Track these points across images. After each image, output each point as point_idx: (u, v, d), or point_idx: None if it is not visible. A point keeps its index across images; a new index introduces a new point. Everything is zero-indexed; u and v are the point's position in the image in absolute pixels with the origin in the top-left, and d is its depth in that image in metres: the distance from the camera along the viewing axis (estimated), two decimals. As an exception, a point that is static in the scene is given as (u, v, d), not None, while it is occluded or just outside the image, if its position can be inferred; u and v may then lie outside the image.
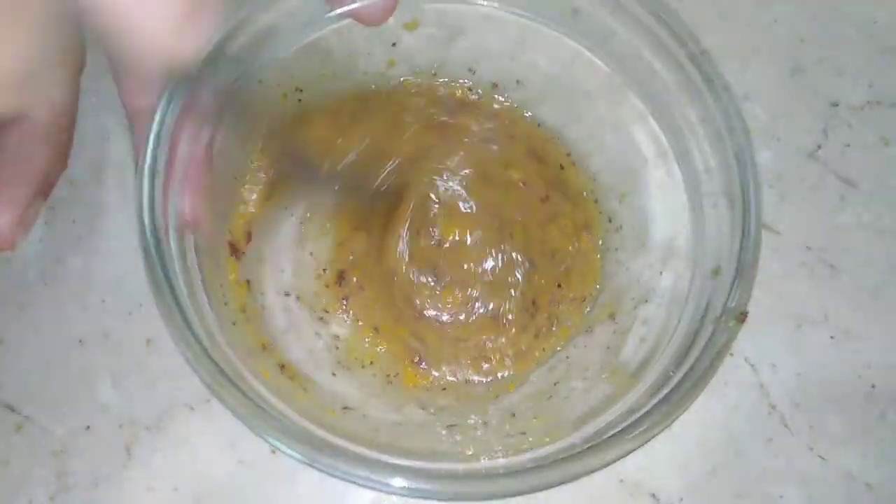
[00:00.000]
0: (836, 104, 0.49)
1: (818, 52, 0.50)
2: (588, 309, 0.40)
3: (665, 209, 0.38)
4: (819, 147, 0.47)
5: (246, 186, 0.40)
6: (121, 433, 0.39)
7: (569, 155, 0.42)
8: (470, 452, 0.32)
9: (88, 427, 0.39)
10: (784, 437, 0.40)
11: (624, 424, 0.30)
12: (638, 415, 0.31)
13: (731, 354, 0.41)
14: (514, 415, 0.36)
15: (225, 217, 0.38)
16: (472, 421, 0.36)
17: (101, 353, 0.40)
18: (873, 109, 0.49)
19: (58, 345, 0.40)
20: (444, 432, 0.35)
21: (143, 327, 0.41)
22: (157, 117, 0.32)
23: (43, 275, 0.41)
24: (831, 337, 0.42)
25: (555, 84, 0.41)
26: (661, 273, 0.37)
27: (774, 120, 0.47)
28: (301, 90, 0.40)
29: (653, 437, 0.30)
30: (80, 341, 0.40)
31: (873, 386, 0.41)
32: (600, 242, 0.41)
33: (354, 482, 0.29)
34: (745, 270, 0.33)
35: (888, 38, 0.51)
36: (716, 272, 0.34)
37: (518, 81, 0.42)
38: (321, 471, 0.29)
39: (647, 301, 0.37)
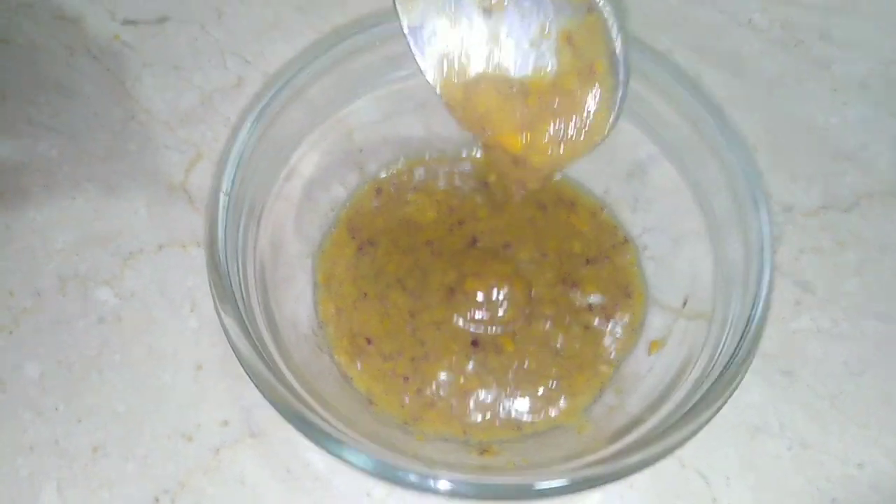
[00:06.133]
0: (789, 209, 0.49)
1: (771, 157, 0.51)
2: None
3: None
4: (774, 252, 0.47)
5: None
6: (59, 545, 0.38)
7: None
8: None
9: (28, 538, 0.39)
10: (741, 557, 0.38)
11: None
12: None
13: (683, 466, 0.40)
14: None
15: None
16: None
17: (50, 460, 0.40)
18: (827, 213, 0.49)
19: (8, 450, 0.41)
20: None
21: (92, 434, 0.41)
22: (237, 145, 0.35)
23: (1, 381, 0.42)
24: (788, 448, 0.41)
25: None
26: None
27: (728, 224, 0.48)
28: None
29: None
30: (31, 448, 0.41)
31: (833, 500, 0.39)
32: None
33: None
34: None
35: (840, 143, 0.52)
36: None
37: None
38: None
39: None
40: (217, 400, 0.42)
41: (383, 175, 0.45)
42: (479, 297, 0.39)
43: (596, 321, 0.40)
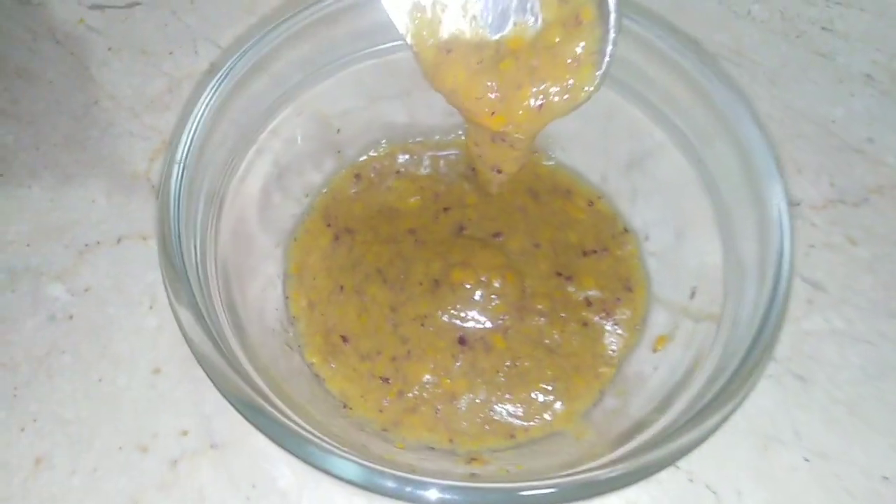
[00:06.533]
0: (796, 203, 0.46)
1: (775, 149, 0.48)
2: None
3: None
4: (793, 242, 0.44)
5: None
6: (-9, 570, 0.34)
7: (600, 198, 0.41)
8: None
9: (-45, 563, 0.34)
10: (756, 580, 0.35)
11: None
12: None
13: (691, 480, 0.36)
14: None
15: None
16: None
17: (-16, 475, 0.36)
18: (836, 208, 0.46)
19: (-63, 465, 0.36)
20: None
21: (36, 445, 0.37)
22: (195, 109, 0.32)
23: (-66, 386, 0.38)
24: (805, 459, 0.37)
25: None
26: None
27: (732, 219, 0.45)
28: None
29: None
30: (-36, 461, 0.36)
31: (856, 517, 0.36)
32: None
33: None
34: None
35: (847, 136, 0.49)
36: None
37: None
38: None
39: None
40: (176, 407, 0.38)
41: (363, 159, 0.41)
42: (467, 289, 0.36)
43: (595, 317, 0.37)
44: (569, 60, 0.30)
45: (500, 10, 0.30)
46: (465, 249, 0.37)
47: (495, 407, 0.34)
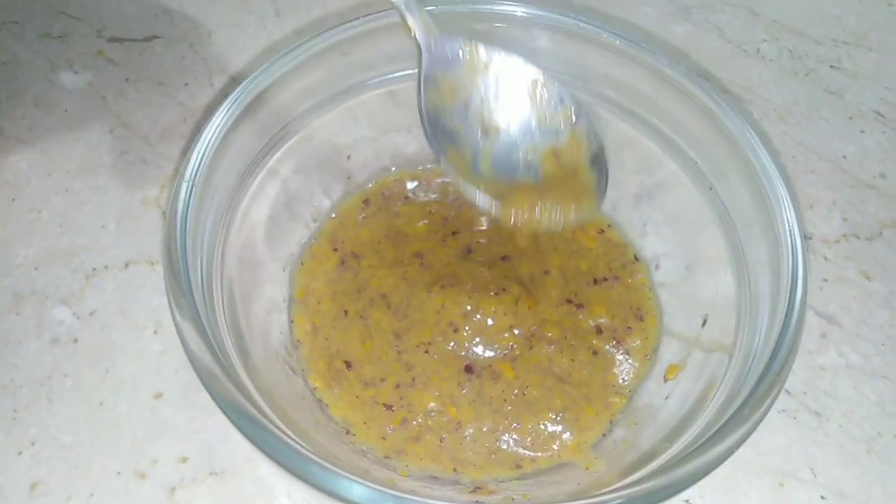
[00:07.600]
0: (809, 237, 0.46)
1: (786, 184, 0.48)
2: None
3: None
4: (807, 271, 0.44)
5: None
6: None
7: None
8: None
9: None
10: None
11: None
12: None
13: (703, 517, 0.35)
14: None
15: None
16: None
17: (-22, 500, 0.35)
18: (850, 242, 0.45)
19: (-68, 488, 0.35)
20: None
21: (32, 469, 0.36)
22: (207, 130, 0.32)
23: (-67, 407, 0.38)
24: (821, 497, 0.36)
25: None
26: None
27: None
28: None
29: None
30: (-40, 485, 0.36)
31: (879, 561, 0.34)
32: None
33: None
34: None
35: (858, 172, 0.49)
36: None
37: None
38: None
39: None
40: (176, 433, 0.37)
41: (372, 185, 0.41)
42: (474, 316, 0.35)
43: (605, 346, 0.36)
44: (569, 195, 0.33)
45: (507, 169, 0.34)
46: (472, 274, 0.36)
47: (502, 436, 0.34)
